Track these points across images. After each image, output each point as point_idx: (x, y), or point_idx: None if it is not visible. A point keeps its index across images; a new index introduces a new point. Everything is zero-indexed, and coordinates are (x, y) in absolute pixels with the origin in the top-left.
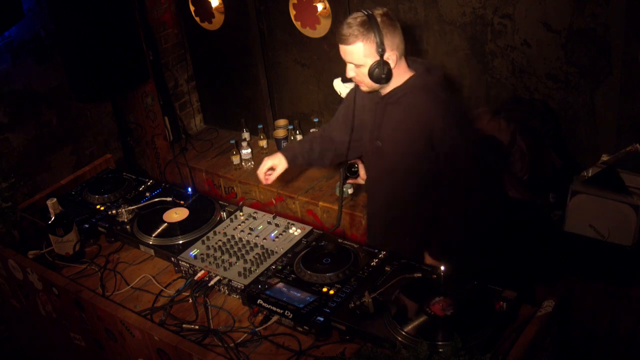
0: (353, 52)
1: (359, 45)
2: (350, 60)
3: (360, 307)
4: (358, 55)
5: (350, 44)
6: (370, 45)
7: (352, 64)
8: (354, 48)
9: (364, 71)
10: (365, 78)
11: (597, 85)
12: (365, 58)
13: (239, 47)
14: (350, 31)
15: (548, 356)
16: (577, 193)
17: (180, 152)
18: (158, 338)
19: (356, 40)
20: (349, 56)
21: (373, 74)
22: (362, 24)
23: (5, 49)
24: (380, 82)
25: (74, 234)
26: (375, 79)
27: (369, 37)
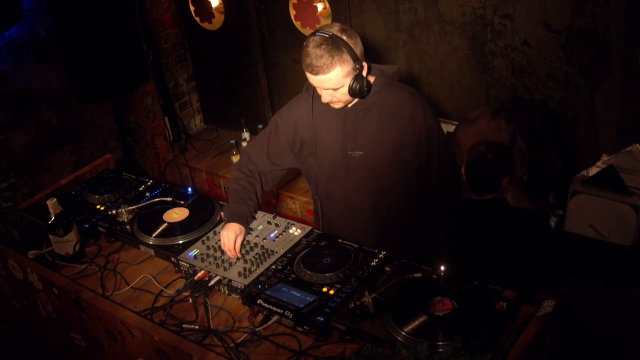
0: (331, 79)
1: (336, 70)
2: (328, 87)
3: (360, 307)
4: (337, 79)
5: (329, 72)
6: (346, 66)
7: (330, 89)
8: (331, 75)
9: (342, 91)
10: (343, 97)
11: (597, 85)
12: (344, 79)
13: (239, 47)
14: (323, 60)
15: (548, 356)
16: (577, 193)
17: (180, 152)
18: (158, 338)
19: (333, 67)
20: (327, 84)
21: (355, 90)
22: (332, 49)
23: (5, 49)
24: (363, 95)
25: (74, 234)
26: (358, 93)
27: (343, 59)
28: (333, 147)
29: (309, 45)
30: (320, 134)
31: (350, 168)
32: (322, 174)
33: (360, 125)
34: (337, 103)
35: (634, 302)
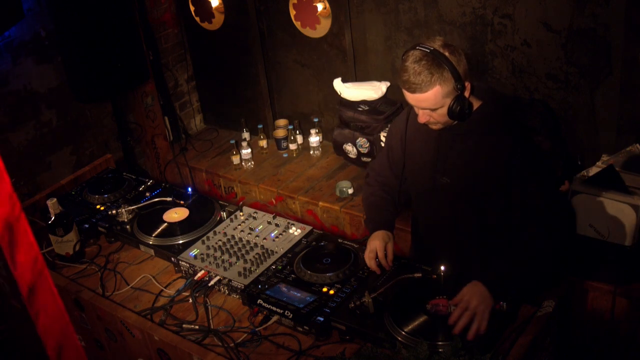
0: (429, 99)
1: (436, 89)
2: (425, 107)
3: (360, 307)
4: (436, 99)
5: (427, 91)
6: (447, 85)
7: (427, 109)
8: (430, 94)
9: (441, 112)
10: (442, 118)
11: (597, 85)
12: (444, 98)
13: (239, 47)
14: (422, 78)
15: (548, 356)
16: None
17: (180, 152)
18: (158, 338)
19: (432, 86)
20: (424, 103)
21: (455, 112)
22: (432, 66)
23: (5, 49)
24: (463, 117)
25: (74, 234)
26: (458, 116)
27: (444, 77)
28: (422, 168)
29: (407, 60)
30: (412, 152)
31: (435, 194)
32: (412, 194)
33: (453, 150)
34: (435, 125)
35: (634, 302)
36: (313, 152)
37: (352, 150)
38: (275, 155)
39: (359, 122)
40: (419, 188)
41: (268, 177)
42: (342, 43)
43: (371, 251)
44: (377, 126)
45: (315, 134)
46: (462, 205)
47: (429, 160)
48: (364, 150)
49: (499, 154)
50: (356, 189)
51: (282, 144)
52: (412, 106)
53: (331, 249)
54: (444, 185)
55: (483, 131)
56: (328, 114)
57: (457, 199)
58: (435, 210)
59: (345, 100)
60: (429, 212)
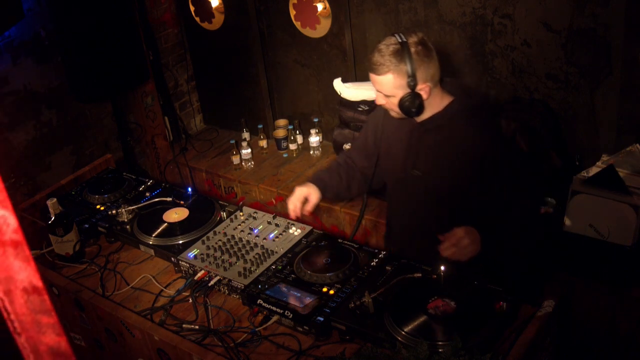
0: (383, 83)
1: (389, 77)
2: (379, 90)
3: (360, 307)
4: (388, 86)
5: (381, 75)
6: (401, 78)
7: (382, 93)
8: (383, 79)
9: (393, 101)
10: (395, 107)
11: (597, 85)
12: (396, 89)
13: (239, 47)
14: (382, 60)
15: (548, 356)
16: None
17: (180, 152)
18: (158, 338)
19: (387, 71)
20: (378, 85)
21: (403, 106)
22: (394, 54)
23: (5, 49)
24: (410, 115)
25: (74, 234)
26: (406, 111)
27: (400, 69)
28: (396, 161)
29: (382, 41)
30: (388, 144)
31: (407, 185)
32: (388, 182)
33: (424, 144)
34: (391, 111)
35: (634, 302)
36: (313, 152)
37: None
38: (275, 155)
39: (359, 122)
40: (393, 179)
41: (268, 177)
42: (342, 43)
43: (295, 194)
44: None
45: (315, 134)
46: (434, 198)
47: (402, 152)
48: None
49: (468, 150)
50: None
51: (282, 144)
52: None
53: (331, 249)
54: (415, 178)
55: (453, 126)
56: (328, 114)
57: (428, 191)
58: (407, 201)
59: (345, 100)
60: (402, 203)
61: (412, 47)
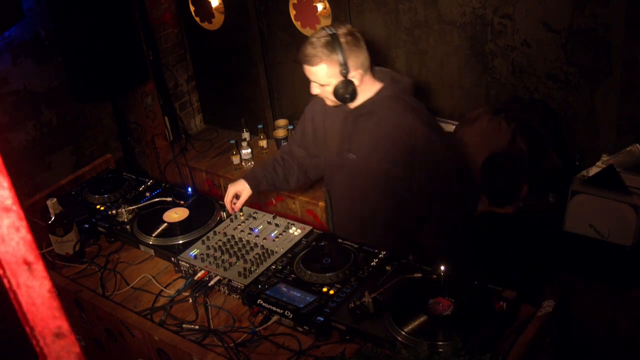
0: (317, 73)
1: (322, 67)
2: (314, 80)
3: (360, 307)
4: (321, 75)
5: (314, 65)
6: (333, 67)
7: (316, 83)
8: (317, 69)
9: (328, 90)
10: (330, 95)
11: (597, 85)
12: (329, 78)
13: (239, 47)
14: (314, 52)
15: (548, 356)
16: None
17: (180, 152)
18: (158, 338)
19: (319, 62)
20: (313, 76)
21: (337, 93)
22: (325, 45)
23: (5, 49)
24: (345, 101)
25: (74, 234)
26: (340, 98)
27: (332, 59)
28: (333, 146)
29: (313, 35)
30: (327, 131)
31: (344, 169)
32: (326, 170)
33: (357, 128)
34: (327, 100)
35: (634, 302)
36: None
37: None
38: None
39: None
40: (330, 165)
41: None
42: None
43: (227, 192)
44: None
45: None
46: (369, 180)
47: (338, 138)
48: None
49: (396, 133)
50: None
51: (282, 144)
52: None
53: (331, 249)
54: (350, 162)
55: (382, 111)
56: None
57: (363, 174)
58: (344, 185)
59: None
60: (341, 187)
61: (342, 38)
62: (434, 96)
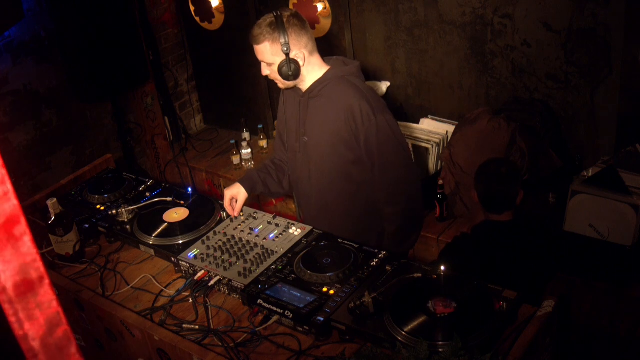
0: (263, 52)
1: (266, 45)
2: (262, 59)
3: (360, 307)
4: (267, 54)
5: (259, 44)
6: (276, 45)
7: (265, 63)
8: (262, 47)
9: (274, 69)
10: (276, 76)
11: (597, 85)
12: (274, 57)
13: (239, 47)
14: (259, 31)
15: (548, 356)
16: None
17: (180, 152)
18: (158, 338)
19: (264, 40)
20: (260, 55)
21: (282, 71)
22: (269, 25)
23: (5, 49)
24: (289, 79)
25: (74, 234)
26: (284, 76)
27: (274, 37)
28: (292, 131)
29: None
30: (287, 119)
31: (301, 152)
32: (289, 156)
33: (309, 111)
34: (277, 82)
35: (634, 302)
36: None
37: None
38: None
39: None
40: (291, 150)
41: None
42: (342, 43)
43: (224, 196)
44: None
45: None
46: (324, 164)
47: (294, 122)
48: None
49: (342, 114)
50: None
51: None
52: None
53: (331, 249)
54: (305, 145)
55: (330, 92)
56: None
57: (317, 157)
58: (303, 169)
59: None
60: (298, 170)
61: (285, 19)
62: (434, 96)
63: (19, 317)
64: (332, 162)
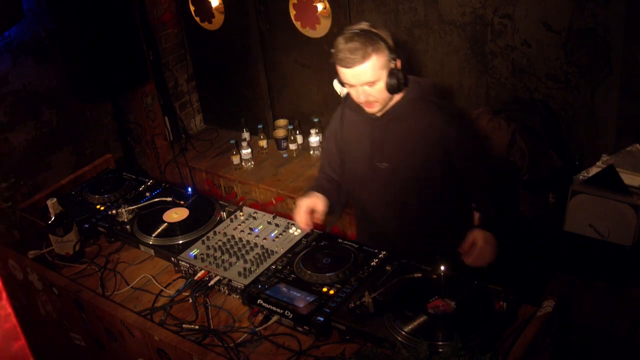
0: (367, 71)
1: (372, 60)
2: (364, 81)
3: (360, 307)
4: (373, 70)
5: (364, 62)
6: (382, 56)
7: (366, 85)
8: (367, 65)
9: (379, 87)
10: (381, 94)
11: (597, 85)
12: (381, 70)
13: (239, 47)
14: (358, 51)
15: (548, 356)
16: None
17: (180, 152)
18: (158, 338)
19: (368, 57)
20: (363, 76)
21: (393, 84)
22: (365, 40)
23: (5, 49)
24: (400, 89)
25: (74, 234)
26: (396, 88)
27: (378, 48)
28: (361, 157)
29: (339, 42)
30: (350, 144)
31: (376, 180)
32: (354, 184)
33: (387, 135)
34: (374, 104)
35: (634, 302)
36: (313, 152)
37: None
38: (275, 155)
39: None
40: (360, 177)
41: (268, 177)
42: None
43: (300, 207)
44: None
45: (315, 134)
46: (404, 187)
47: (366, 148)
48: None
49: (434, 132)
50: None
51: (282, 144)
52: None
53: (331, 249)
54: (383, 170)
55: (413, 114)
56: (328, 114)
57: (397, 182)
58: (378, 196)
59: None
60: (372, 199)
61: (370, 28)
62: None
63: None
64: (416, 185)
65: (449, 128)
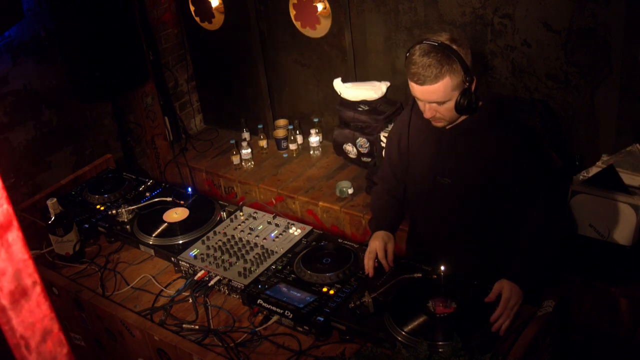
0: (438, 91)
1: (445, 81)
2: (434, 99)
3: (360, 307)
4: (445, 92)
5: (437, 82)
6: (456, 78)
7: (435, 103)
8: (439, 86)
9: (448, 106)
10: (449, 113)
11: (597, 85)
12: (453, 92)
13: (239, 47)
14: (432, 69)
15: (548, 356)
16: (577, 193)
17: (180, 152)
18: (158, 338)
19: (442, 78)
20: (433, 96)
21: (463, 106)
22: (442, 58)
23: (5, 49)
24: (471, 111)
25: (74, 234)
26: (466, 109)
27: (453, 70)
28: (422, 169)
29: (415, 53)
30: (413, 154)
31: (435, 195)
32: (411, 195)
33: (454, 149)
34: (440, 121)
35: (634, 302)
36: (313, 152)
37: (352, 150)
38: (275, 155)
39: (359, 122)
40: (419, 189)
41: (268, 177)
42: (342, 43)
43: (371, 252)
44: (377, 126)
45: (315, 134)
46: (463, 206)
47: (430, 161)
48: (364, 150)
49: (503, 153)
50: (356, 189)
51: (282, 144)
52: (413, 107)
53: (331, 249)
54: (445, 186)
55: (485, 130)
56: (328, 114)
57: (457, 200)
58: (435, 211)
59: (345, 101)
60: (429, 213)
61: (451, 44)
62: None
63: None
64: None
65: (520, 153)
